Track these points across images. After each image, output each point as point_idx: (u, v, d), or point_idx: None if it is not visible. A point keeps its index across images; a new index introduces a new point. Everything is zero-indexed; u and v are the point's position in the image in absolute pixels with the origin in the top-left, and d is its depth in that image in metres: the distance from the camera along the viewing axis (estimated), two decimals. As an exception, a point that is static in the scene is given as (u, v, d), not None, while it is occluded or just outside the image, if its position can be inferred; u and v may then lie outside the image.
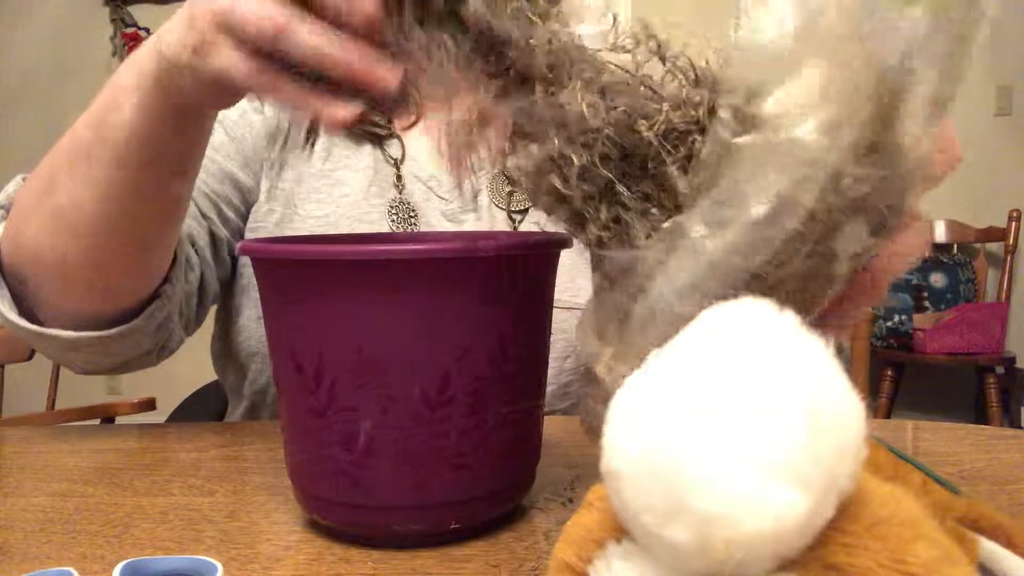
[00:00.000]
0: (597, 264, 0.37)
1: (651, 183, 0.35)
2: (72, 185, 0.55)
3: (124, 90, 0.51)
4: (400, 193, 0.77)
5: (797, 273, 0.30)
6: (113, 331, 0.62)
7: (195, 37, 0.43)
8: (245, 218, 0.78)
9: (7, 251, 0.61)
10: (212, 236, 0.74)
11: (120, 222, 0.56)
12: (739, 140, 0.30)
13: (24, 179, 0.64)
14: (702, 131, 0.33)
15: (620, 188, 0.35)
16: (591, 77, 0.35)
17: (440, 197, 0.79)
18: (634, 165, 0.35)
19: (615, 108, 0.34)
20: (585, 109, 0.34)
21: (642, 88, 0.35)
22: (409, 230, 0.76)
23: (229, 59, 0.42)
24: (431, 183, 0.79)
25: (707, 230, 0.29)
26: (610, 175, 0.34)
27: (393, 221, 0.77)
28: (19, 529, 0.47)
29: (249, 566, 0.41)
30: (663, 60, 0.36)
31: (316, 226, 0.75)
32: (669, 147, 0.34)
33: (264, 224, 0.76)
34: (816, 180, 0.28)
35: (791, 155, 0.28)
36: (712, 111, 0.33)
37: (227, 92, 0.46)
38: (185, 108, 0.49)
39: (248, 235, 0.78)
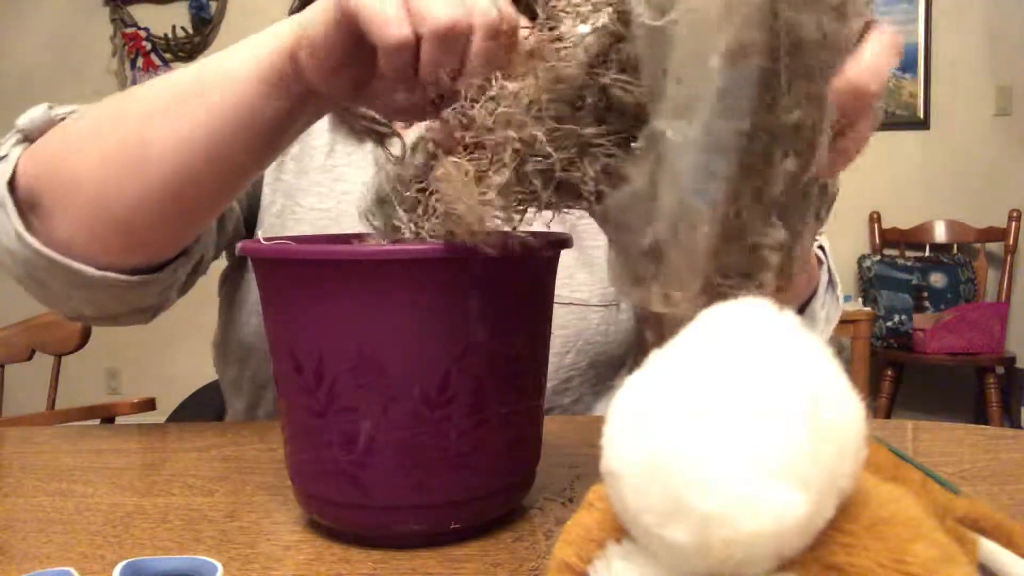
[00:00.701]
0: (603, 220, 0.37)
1: (612, 116, 0.35)
2: (153, 129, 0.53)
3: (247, 49, 0.51)
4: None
5: (787, 123, 0.30)
6: (136, 278, 0.59)
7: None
8: (251, 197, 0.78)
9: (30, 174, 0.58)
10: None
11: (190, 177, 0.54)
12: (663, 21, 0.29)
13: (52, 107, 0.62)
14: (619, 39, 0.34)
15: (586, 133, 0.36)
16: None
17: None
18: (587, 110, 0.36)
19: (536, 72, 0.36)
20: (516, 89, 0.35)
21: (550, 42, 0.36)
22: None
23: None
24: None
25: (679, 119, 0.29)
26: (574, 127, 0.35)
27: None
28: (19, 529, 0.47)
29: (249, 566, 0.41)
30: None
31: (317, 219, 0.75)
32: (599, 70, 0.35)
33: (265, 215, 0.77)
34: (754, 16, 0.28)
35: (719, 7, 0.28)
36: (623, 18, 0.34)
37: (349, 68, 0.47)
38: (300, 90, 0.50)
39: (256, 227, 0.78)
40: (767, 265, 0.32)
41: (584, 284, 0.77)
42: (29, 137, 0.61)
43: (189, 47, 3.46)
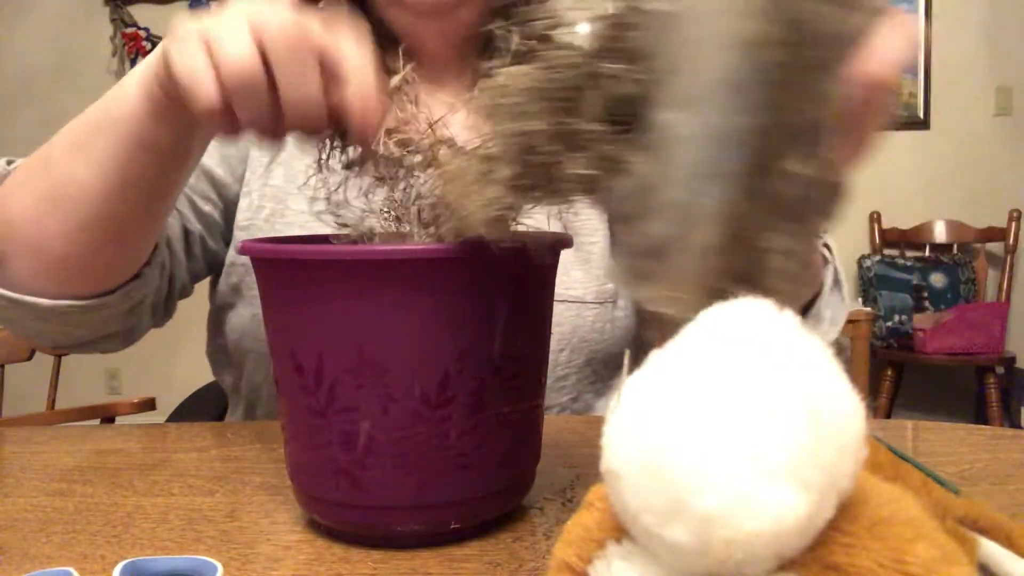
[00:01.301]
0: (605, 211, 0.37)
1: (616, 108, 0.35)
2: (68, 166, 0.57)
3: (134, 78, 0.53)
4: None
5: (798, 117, 0.29)
6: (87, 302, 0.63)
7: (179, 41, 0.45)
8: (224, 212, 0.79)
9: None
10: (185, 231, 0.75)
11: (112, 205, 0.57)
12: (673, 7, 0.29)
13: (8, 162, 0.65)
14: (627, 27, 0.33)
15: (583, 127, 0.35)
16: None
17: None
18: (589, 101, 0.35)
19: (526, 72, 0.36)
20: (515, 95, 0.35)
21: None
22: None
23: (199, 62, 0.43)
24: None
25: (686, 110, 0.28)
26: (576, 120, 0.35)
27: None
28: (19, 529, 0.47)
29: (249, 566, 0.41)
30: None
31: (307, 220, 0.75)
32: (604, 60, 0.34)
33: (254, 220, 0.77)
34: (767, 6, 0.27)
35: None
36: (632, 5, 0.33)
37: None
38: (181, 105, 0.50)
39: (238, 232, 0.78)
40: (773, 269, 0.31)
41: (579, 281, 0.77)
42: None
43: (189, 47, 3.46)
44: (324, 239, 0.52)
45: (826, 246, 0.70)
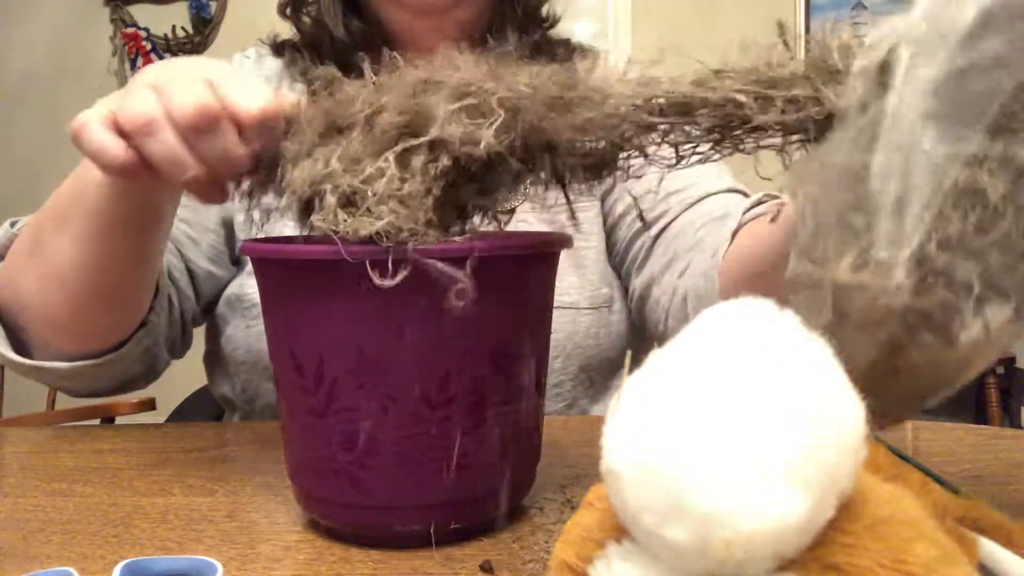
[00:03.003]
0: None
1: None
2: (55, 243, 0.60)
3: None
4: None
5: None
6: (102, 360, 0.66)
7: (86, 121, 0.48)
8: (228, 236, 0.80)
9: (2, 296, 0.65)
10: (189, 272, 0.77)
11: (98, 274, 0.60)
12: None
13: (12, 224, 0.68)
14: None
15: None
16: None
17: None
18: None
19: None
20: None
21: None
22: None
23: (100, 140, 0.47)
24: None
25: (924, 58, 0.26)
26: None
27: None
28: (19, 529, 0.47)
29: (249, 566, 0.41)
30: None
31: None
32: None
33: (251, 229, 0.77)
34: None
35: None
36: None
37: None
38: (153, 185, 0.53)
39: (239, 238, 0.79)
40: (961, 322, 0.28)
41: (573, 287, 0.77)
42: (1, 255, 0.68)
43: (189, 47, 3.46)
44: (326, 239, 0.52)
45: None
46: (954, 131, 0.26)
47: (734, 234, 0.62)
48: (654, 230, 0.76)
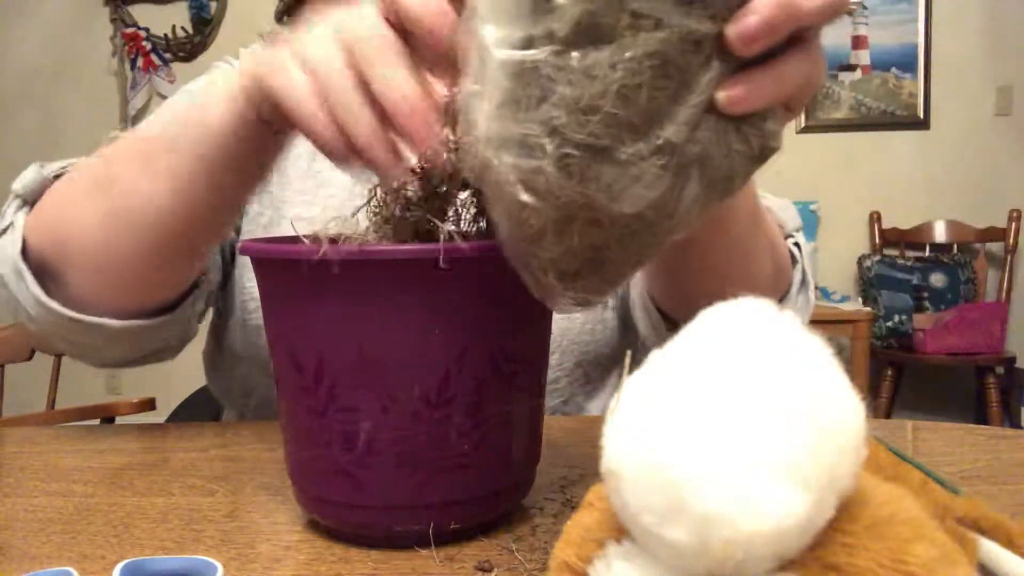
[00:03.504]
0: None
1: None
2: (141, 181, 0.55)
3: (215, 96, 0.51)
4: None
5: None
6: (157, 320, 0.63)
7: (281, 61, 0.43)
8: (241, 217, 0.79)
9: (37, 242, 0.61)
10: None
11: (189, 220, 0.56)
12: None
13: (43, 166, 0.64)
14: None
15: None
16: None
17: None
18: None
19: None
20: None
21: None
22: None
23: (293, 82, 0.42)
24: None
25: None
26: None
27: None
28: (19, 529, 0.47)
29: (249, 566, 0.41)
30: None
31: (304, 229, 0.75)
32: None
33: (253, 228, 0.77)
34: None
35: None
36: None
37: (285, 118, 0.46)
38: (266, 123, 0.49)
39: (240, 238, 0.78)
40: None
41: None
42: (28, 200, 0.63)
43: (189, 47, 3.46)
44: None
45: (796, 245, 0.68)
46: (504, 23, 0.32)
47: None
48: None
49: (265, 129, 0.49)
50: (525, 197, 0.32)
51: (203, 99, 0.53)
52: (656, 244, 0.35)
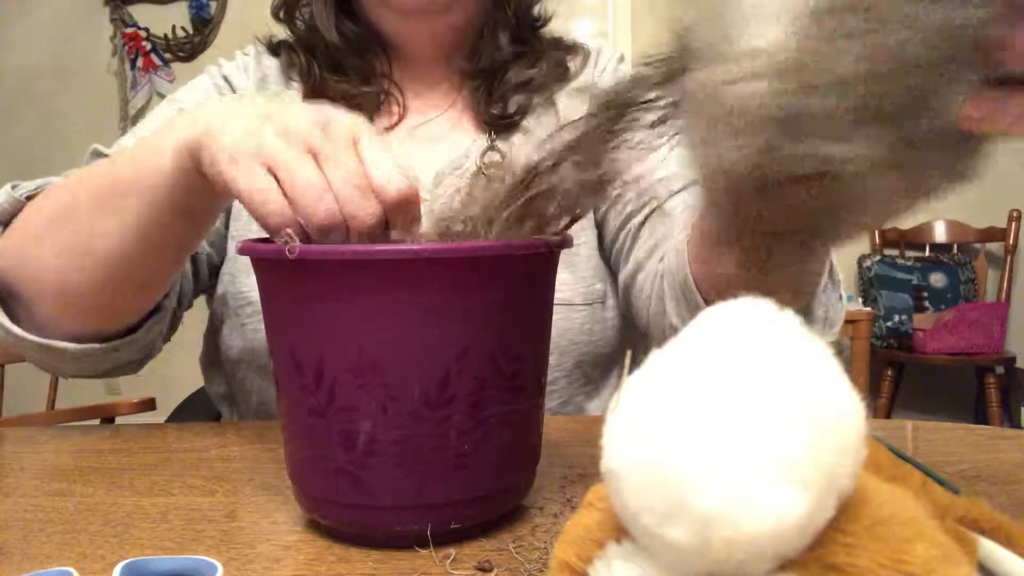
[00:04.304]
0: None
1: None
2: (97, 225, 0.58)
3: (170, 142, 0.53)
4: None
5: None
6: (115, 343, 0.65)
7: (244, 155, 0.46)
8: (226, 221, 0.79)
9: (3, 266, 0.63)
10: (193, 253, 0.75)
11: (142, 259, 0.59)
12: None
13: (14, 187, 0.65)
14: None
15: None
16: None
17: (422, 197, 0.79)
18: None
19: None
20: None
21: None
22: None
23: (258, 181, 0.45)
24: (413, 182, 0.79)
25: None
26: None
27: None
28: (19, 529, 0.47)
29: (249, 566, 0.41)
30: None
31: None
32: None
33: (248, 230, 0.77)
34: None
35: None
36: None
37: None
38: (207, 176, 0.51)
39: (230, 242, 0.78)
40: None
41: (567, 284, 0.76)
42: (0, 221, 0.65)
43: (189, 47, 3.46)
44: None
45: None
46: None
47: None
48: (639, 217, 0.76)
49: (207, 181, 0.51)
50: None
51: (159, 143, 0.55)
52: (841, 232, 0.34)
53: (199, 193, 0.53)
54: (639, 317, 0.74)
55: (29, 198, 0.65)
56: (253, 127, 0.47)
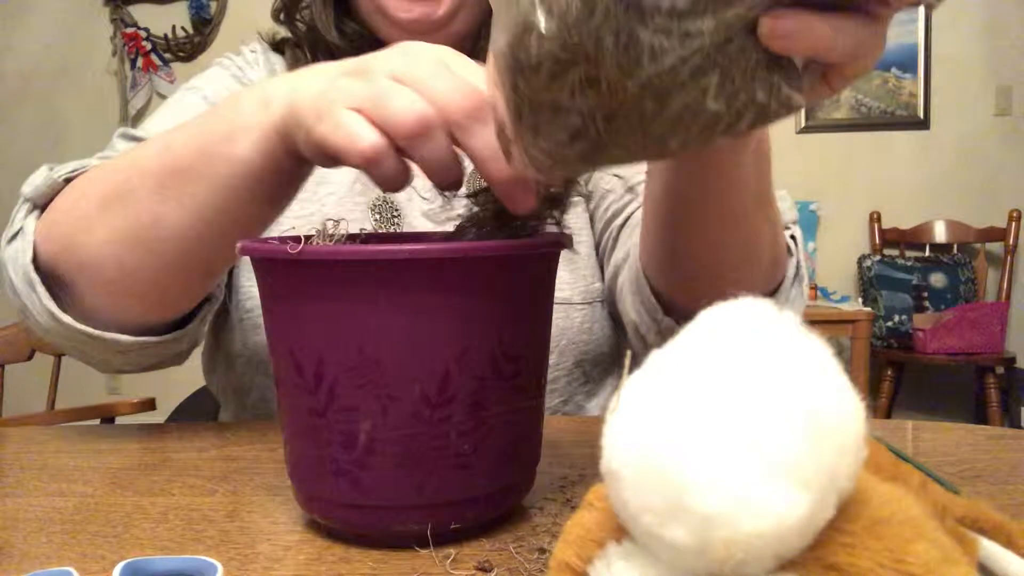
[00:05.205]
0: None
1: None
2: (158, 209, 0.55)
3: (243, 127, 0.51)
4: (383, 192, 0.77)
5: None
6: (170, 336, 0.63)
7: (327, 107, 0.44)
8: None
9: (48, 252, 0.60)
10: None
11: (204, 246, 0.56)
12: None
13: (53, 168, 0.63)
14: None
15: None
16: None
17: (422, 197, 0.79)
18: None
19: None
20: None
21: None
22: (392, 229, 0.77)
23: (357, 136, 0.42)
24: (414, 183, 0.79)
25: None
26: None
27: (376, 220, 0.77)
28: (19, 529, 0.47)
29: (249, 566, 0.41)
30: None
31: (301, 226, 0.75)
32: None
33: None
34: None
35: None
36: None
37: (331, 159, 0.46)
38: (299, 158, 0.49)
39: None
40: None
41: (566, 282, 0.77)
42: (38, 204, 0.62)
43: (189, 47, 3.47)
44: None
45: (792, 237, 0.67)
46: None
47: None
48: (619, 220, 0.76)
49: (297, 163, 0.49)
50: (539, 17, 0.29)
51: (226, 127, 0.52)
52: (638, 146, 0.33)
53: (287, 178, 0.51)
54: (623, 318, 0.74)
55: (67, 181, 0.62)
56: (330, 82, 0.45)
